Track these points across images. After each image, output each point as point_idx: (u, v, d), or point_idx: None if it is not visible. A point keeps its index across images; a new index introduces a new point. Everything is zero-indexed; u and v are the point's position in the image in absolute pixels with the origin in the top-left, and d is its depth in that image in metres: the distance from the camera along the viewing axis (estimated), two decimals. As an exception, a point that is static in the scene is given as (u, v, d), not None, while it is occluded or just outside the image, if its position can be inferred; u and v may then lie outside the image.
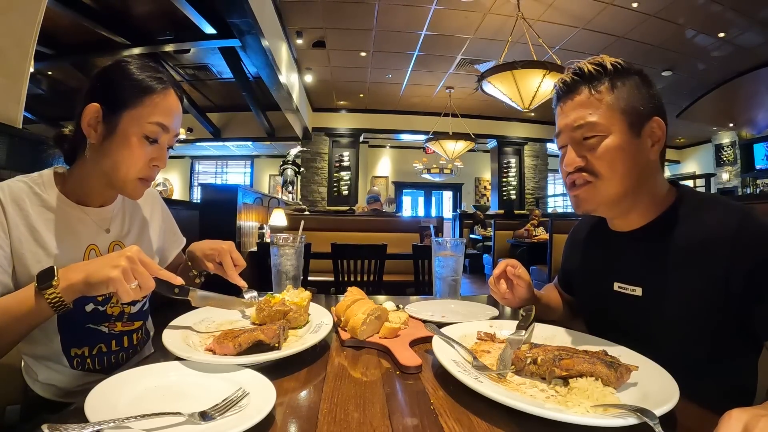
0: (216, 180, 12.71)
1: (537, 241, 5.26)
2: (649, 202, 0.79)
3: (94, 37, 5.12)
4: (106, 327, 0.87)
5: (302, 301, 0.81)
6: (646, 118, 0.75)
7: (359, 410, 0.52)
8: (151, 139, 0.80)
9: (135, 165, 0.80)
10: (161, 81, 0.81)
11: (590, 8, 5.13)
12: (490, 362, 0.66)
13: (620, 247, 0.85)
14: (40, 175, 0.83)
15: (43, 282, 0.63)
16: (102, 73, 0.81)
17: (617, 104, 0.74)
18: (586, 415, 0.48)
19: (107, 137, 0.78)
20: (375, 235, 3.58)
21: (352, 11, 5.38)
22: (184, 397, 0.52)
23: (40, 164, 1.76)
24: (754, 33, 5.47)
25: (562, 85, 0.79)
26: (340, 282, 2.71)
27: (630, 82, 0.75)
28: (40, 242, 0.77)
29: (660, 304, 0.76)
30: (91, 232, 0.86)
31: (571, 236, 1.06)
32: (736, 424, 0.41)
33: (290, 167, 6.21)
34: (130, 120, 0.78)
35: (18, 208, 0.76)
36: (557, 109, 0.81)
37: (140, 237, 0.97)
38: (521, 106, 4.25)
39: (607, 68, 0.75)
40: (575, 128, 0.76)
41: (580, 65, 0.77)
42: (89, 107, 0.78)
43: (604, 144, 0.74)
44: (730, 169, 9.39)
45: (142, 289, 0.65)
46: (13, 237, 0.75)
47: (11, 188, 0.77)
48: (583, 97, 0.76)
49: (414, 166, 10.24)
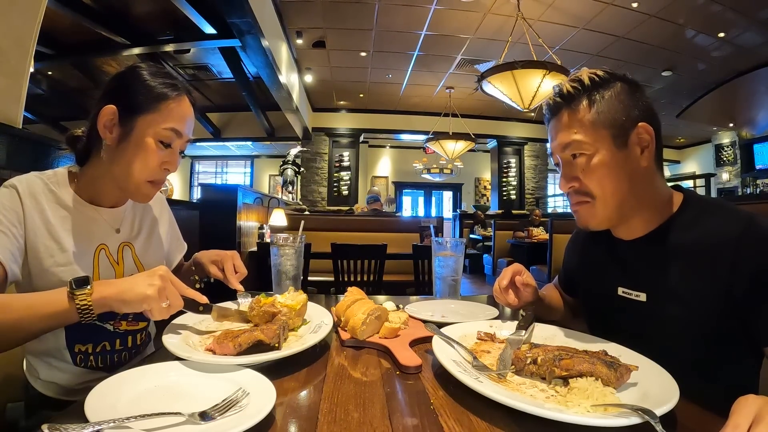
0: (216, 180, 12.71)
1: (537, 241, 5.27)
2: (651, 209, 0.79)
3: (94, 37, 5.12)
4: (111, 325, 0.87)
5: (296, 304, 0.80)
6: (631, 127, 0.74)
7: (359, 410, 0.52)
8: (165, 144, 0.82)
9: (147, 168, 0.82)
10: (176, 88, 0.83)
11: (590, 8, 5.13)
12: (490, 362, 0.66)
13: (624, 252, 0.85)
14: (55, 174, 0.85)
15: (78, 286, 0.63)
16: (119, 77, 0.84)
17: (598, 119, 0.74)
18: (586, 415, 0.48)
19: (123, 140, 0.80)
20: (375, 235, 3.58)
21: (352, 11, 5.38)
22: (184, 397, 0.52)
23: (41, 164, 1.76)
24: (754, 33, 5.47)
25: (546, 107, 0.82)
26: (340, 282, 2.70)
27: (609, 92, 0.75)
28: (54, 236, 0.79)
29: (664, 309, 0.76)
30: (102, 231, 0.88)
31: (572, 239, 1.06)
32: (749, 410, 0.42)
33: (290, 167, 6.21)
34: (145, 125, 0.80)
35: (35, 201, 0.78)
36: (548, 130, 0.83)
37: (149, 240, 0.98)
38: (521, 106, 4.25)
39: (585, 83, 0.75)
40: (563, 148, 0.78)
41: (559, 85, 0.79)
42: (106, 108, 0.79)
43: (592, 163, 0.75)
44: (730, 169, 9.39)
45: (171, 307, 0.67)
46: (28, 228, 0.76)
47: (29, 182, 0.80)
48: (565, 119, 0.77)
49: (414, 166, 10.24)
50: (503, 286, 0.89)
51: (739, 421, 0.42)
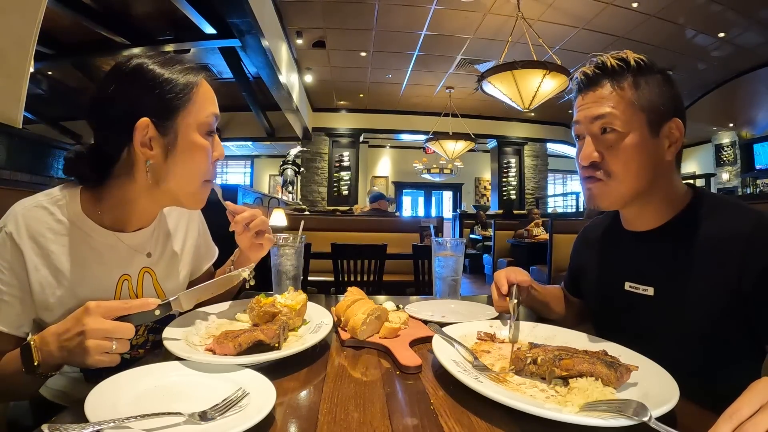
0: (216, 180, 12.69)
1: (537, 241, 5.26)
2: (664, 202, 0.79)
3: (94, 37, 5.13)
4: (128, 355, 0.83)
5: (296, 304, 0.80)
6: (666, 118, 0.75)
7: (359, 410, 0.51)
8: (209, 132, 0.76)
9: (204, 168, 0.75)
10: (195, 70, 0.75)
11: (590, 8, 5.14)
12: (490, 362, 0.66)
13: (633, 246, 0.85)
14: (64, 196, 0.73)
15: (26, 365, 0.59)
16: (130, 84, 0.70)
17: (638, 102, 0.74)
18: (586, 415, 0.48)
19: (170, 150, 0.71)
20: (375, 235, 3.57)
21: (352, 11, 5.38)
22: (184, 397, 0.52)
23: (40, 164, 1.76)
24: (754, 33, 5.48)
25: (584, 77, 0.79)
26: (340, 282, 2.70)
27: (652, 80, 0.75)
28: (65, 283, 0.70)
29: (671, 303, 0.76)
30: (123, 259, 0.78)
31: (582, 235, 1.06)
32: (756, 394, 0.41)
33: (290, 167, 6.20)
34: (187, 123, 0.72)
35: (37, 245, 0.68)
36: (577, 100, 0.81)
37: (171, 262, 0.89)
38: (521, 106, 4.26)
39: (630, 64, 0.75)
40: (594, 119, 0.76)
41: (602, 59, 0.77)
42: (139, 124, 0.67)
43: (623, 143, 0.74)
44: (730, 169, 9.38)
45: (126, 339, 0.59)
46: (33, 282, 0.67)
47: (28, 221, 0.68)
48: (605, 91, 0.76)
49: (414, 166, 10.25)
50: (503, 293, 0.86)
51: (742, 404, 0.40)
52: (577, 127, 0.81)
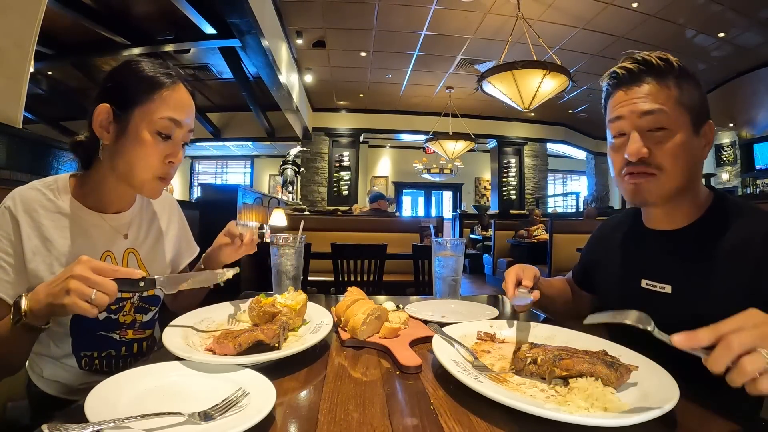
0: (216, 180, 12.71)
1: (537, 241, 5.26)
2: (693, 203, 0.81)
3: (94, 37, 5.13)
4: (117, 334, 0.87)
5: (296, 304, 0.80)
6: (704, 120, 0.78)
7: (359, 410, 0.51)
8: (163, 135, 0.79)
9: (150, 163, 0.79)
10: (170, 76, 0.80)
11: (590, 8, 5.14)
12: (490, 362, 0.66)
13: (652, 244, 0.86)
14: (56, 180, 0.82)
15: (15, 315, 0.63)
16: (111, 73, 0.81)
17: (684, 101, 0.75)
18: (586, 415, 0.48)
19: (120, 136, 0.78)
20: (375, 235, 3.58)
21: (352, 11, 5.38)
22: (184, 397, 0.52)
23: (40, 164, 1.76)
24: (754, 33, 5.48)
25: (625, 72, 0.79)
26: (340, 282, 2.70)
27: (692, 81, 0.77)
28: (54, 252, 0.77)
29: (689, 301, 0.76)
30: (106, 238, 0.85)
31: (599, 231, 1.07)
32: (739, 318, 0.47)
33: (290, 167, 6.20)
34: (141, 117, 0.77)
35: (30, 218, 0.76)
36: (615, 95, 0.80)
37: (155, 247, 0.96)
38: (521, 106, 4.25)
39: (674, 65, 0.76)
40: (643, 114, 0.75)
41: (644, 56, 0.78)
42: (99, 108, 0.77)
43: (673, 140, 0.75)
44: (730, 169, 9.37)
45: (107, 294, 0.61)
46: (26, 249, 0.75)
47: (23, 197, 0.77)
48: (652, 88, 0.76)
49: (414, 166, 10.24)
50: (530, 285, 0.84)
51: (724, 324, 0.47)
52: (619, 123, 0.79)
